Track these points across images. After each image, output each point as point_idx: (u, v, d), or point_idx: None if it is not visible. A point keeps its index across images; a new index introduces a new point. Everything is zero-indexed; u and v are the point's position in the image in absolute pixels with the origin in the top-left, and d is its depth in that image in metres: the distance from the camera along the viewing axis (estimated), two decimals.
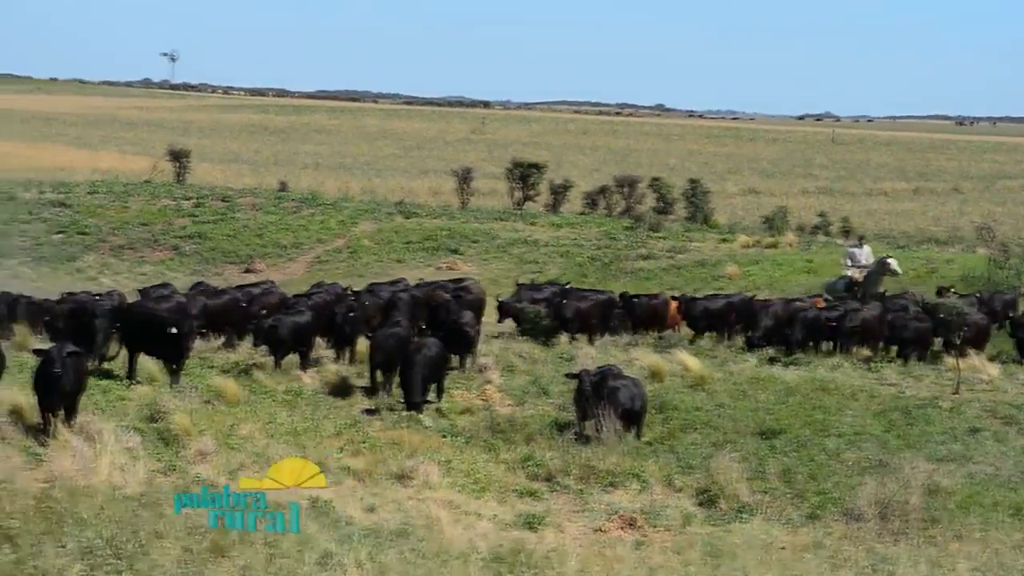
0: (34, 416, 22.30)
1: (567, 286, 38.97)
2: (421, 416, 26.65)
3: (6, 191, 65.58)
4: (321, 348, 31.71)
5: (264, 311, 31.69)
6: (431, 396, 27.67)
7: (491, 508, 21.28)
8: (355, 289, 35.59)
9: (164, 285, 36.38)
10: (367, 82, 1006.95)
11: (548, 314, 35.08)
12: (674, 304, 37.23)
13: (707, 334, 36.30)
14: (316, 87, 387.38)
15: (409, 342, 28.33)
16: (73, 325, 28.83)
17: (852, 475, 23.92)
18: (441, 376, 28.29)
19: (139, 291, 34.47)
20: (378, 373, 28.29)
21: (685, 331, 36.83)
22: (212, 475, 20.57)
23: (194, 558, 16.03)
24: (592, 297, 36.75)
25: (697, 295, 38.92)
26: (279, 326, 29.64)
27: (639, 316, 36.85)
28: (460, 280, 39.03)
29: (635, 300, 37.19)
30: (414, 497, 21.14)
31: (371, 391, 28.12)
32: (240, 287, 35.69)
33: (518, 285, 39.17)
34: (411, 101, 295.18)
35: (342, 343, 31.36)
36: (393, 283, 37.59)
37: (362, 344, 30.49)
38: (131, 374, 27.13)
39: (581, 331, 35.65)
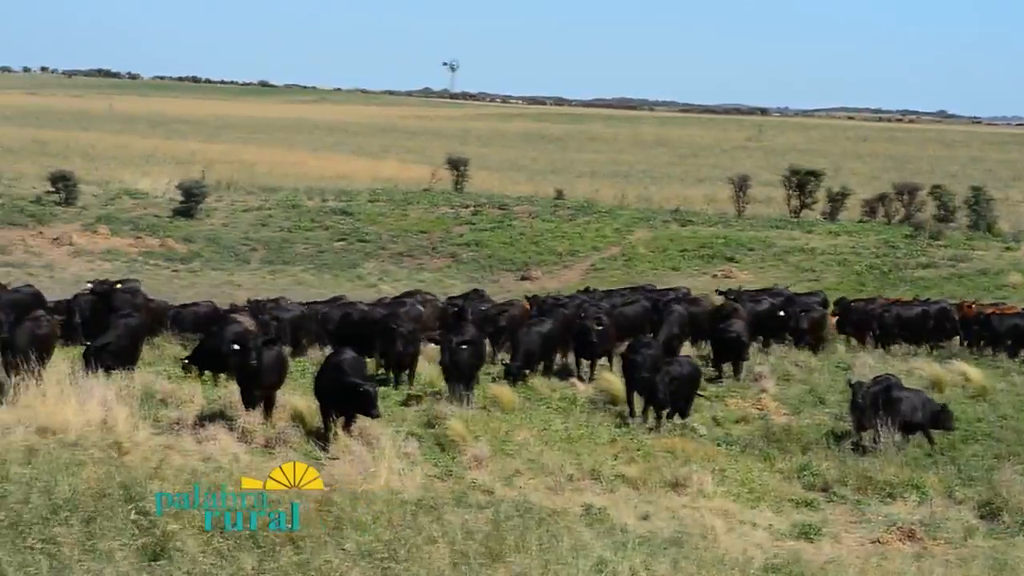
0: (315, 421, 22.81)
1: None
2: (696, 424, 26.48)
3: (291, 199, 67.30)
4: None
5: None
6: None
7: (766, 518, 21.02)
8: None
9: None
10: (643, 90, 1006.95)
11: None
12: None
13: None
14: (593, 95, 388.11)
15: (660, 358, 27.83)
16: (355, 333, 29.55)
17: None
18: (692, 394, 27.54)
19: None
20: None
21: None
22: (488, 481, 20.73)
23: (469, 562, 16.12)
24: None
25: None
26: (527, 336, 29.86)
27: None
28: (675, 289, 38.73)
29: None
30: (688, 505, 21.00)
31: (630, 412, 27.43)
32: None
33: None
34: (687, 109, 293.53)
35: (587, 355, 31.14)
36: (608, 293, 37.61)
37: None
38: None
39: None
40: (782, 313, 35.21)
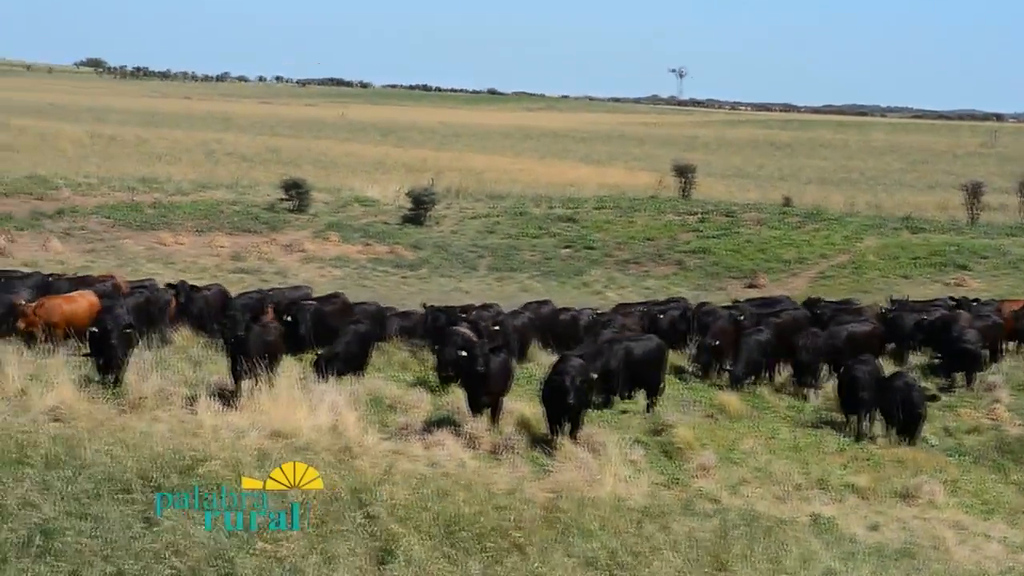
0: (541, 427, 22.89)
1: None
2: (927, 435, 25.96)
3: (518, 206, 67.69)
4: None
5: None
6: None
7: (1000, 530, 20.55)
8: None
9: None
10: (874, 96, 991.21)
11: None
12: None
13: None
14: (823, 102, 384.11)
15: (879, 376, 27.14)
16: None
17: None
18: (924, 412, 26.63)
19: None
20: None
21: None
22: (714, 489, 20.61)
23: (694, 571, 16.06)
24: None
25: None
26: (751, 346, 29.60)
27: None
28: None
29: None
30: (919, 516, 20.64)
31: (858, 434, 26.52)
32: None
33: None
34: (920, 115, 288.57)
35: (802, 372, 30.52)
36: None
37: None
38: None
39: None
40: None
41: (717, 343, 30.30)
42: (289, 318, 29.88)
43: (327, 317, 31.05)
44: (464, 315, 32.28)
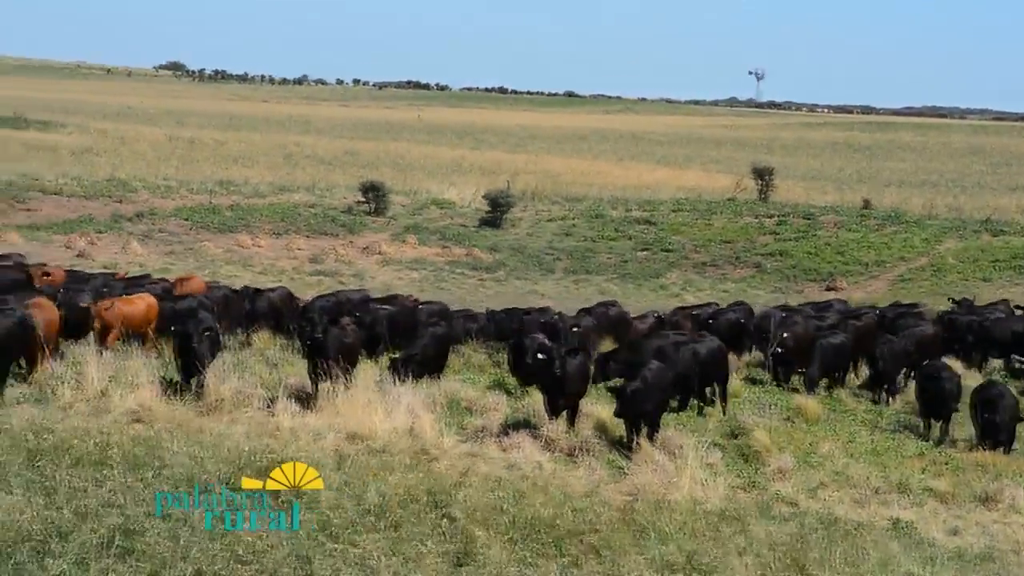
0: (618, 430, 22.86)
1: None
2: None
3: (595, 209, 67.68)
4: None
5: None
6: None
7: None
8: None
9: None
10: (955, 98, 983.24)
11: None
12: None
13: None
14: (902, 104, 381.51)
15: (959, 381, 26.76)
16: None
17: None
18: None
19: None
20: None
21: None
22: (792, 492, 20.50)
23: (772, 575, 15.98)
24: None
25: None
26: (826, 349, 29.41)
27: None
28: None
29: None
30: (999, 521, 20.41)
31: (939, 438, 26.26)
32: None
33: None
34: (1001, 116, 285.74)
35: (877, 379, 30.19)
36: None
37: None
38: None
39: None
40: None
41: (782, 348, 30.08)
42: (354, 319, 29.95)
43: (395, 319, 31.22)
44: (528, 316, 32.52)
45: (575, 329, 30.51)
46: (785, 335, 30.37)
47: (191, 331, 24.26)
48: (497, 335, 32.03)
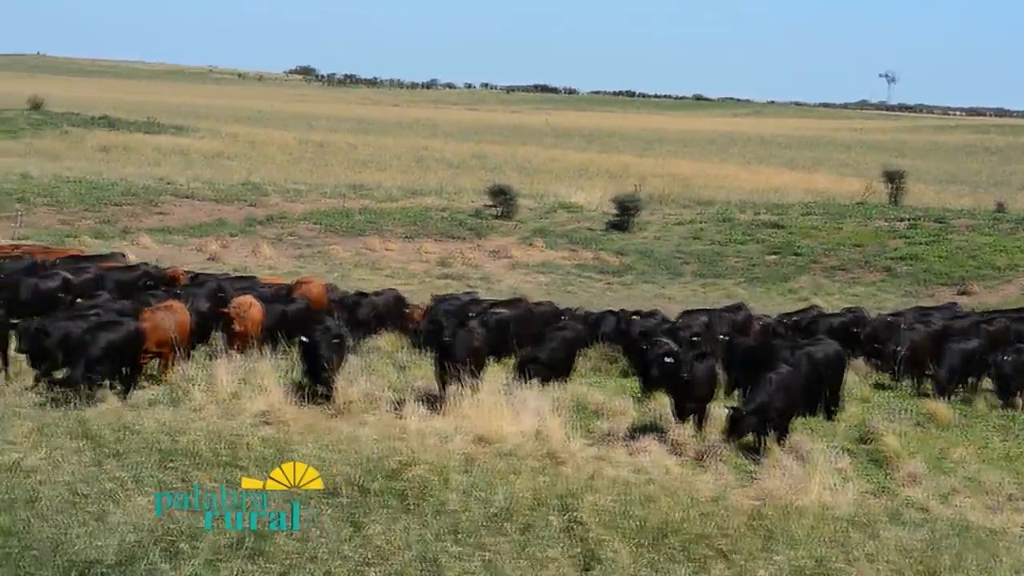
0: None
1: None
2: None
3: (724, 212, 67.34)
4: None
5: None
6: None
7: None
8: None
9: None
10: None
11: None
12: None
13: None
14: None
15: None
16: None
17: None
18: None
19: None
20: None
21: None
22: (923, 498, 20.27)
23: None
24: None
25: None
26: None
27: None
28: None
29: None
30: None
31: None
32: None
33: None
34: None
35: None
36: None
37: None
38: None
39: None
40: None
41: (903, 351, 29.69)
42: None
43: (520, 321, 31.26)
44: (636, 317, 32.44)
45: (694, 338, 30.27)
46: (910, 339, 30.07)
47: (317, 339, 24.46)
48: (617, 339, 31.86)
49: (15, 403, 21.94)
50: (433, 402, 23.53)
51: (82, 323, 23.74)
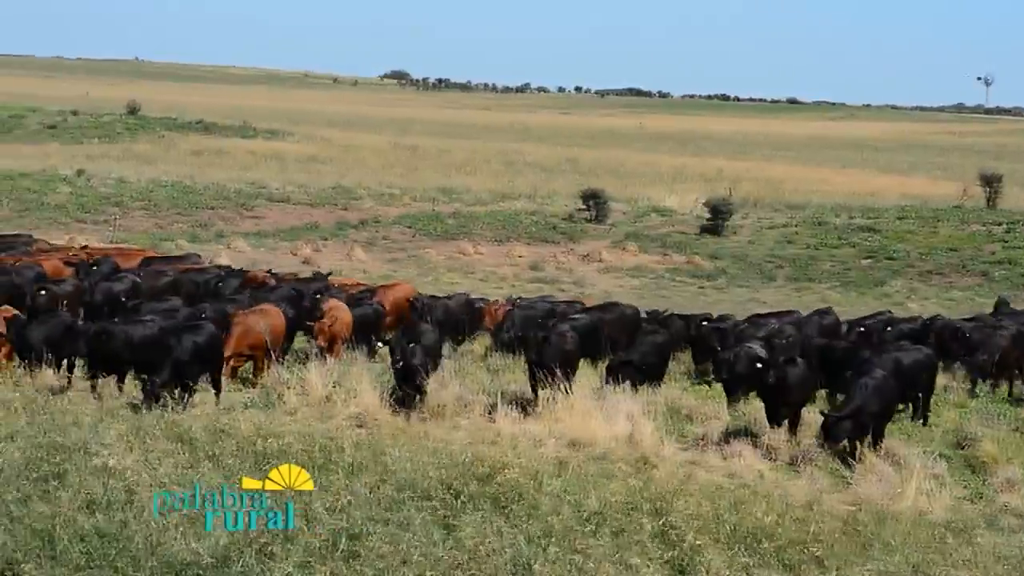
0: None
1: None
2: None
3: (817, 216, 66.98)
4: None
5: None
6: None
7: None
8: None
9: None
10: None
11: None
12: None
13: None
14: None
15: None
16: None
17: None
18: None
19: None
20: None
21: None
22: (1020, 504, 20.03)
23: None
24: None
25: None
26: None
27: None
28: None
29: None
30: None
31: None
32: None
33: None
34: None
35: None
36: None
37: None
38: None
39: None
40: None
41: (984, 356, 29.33)
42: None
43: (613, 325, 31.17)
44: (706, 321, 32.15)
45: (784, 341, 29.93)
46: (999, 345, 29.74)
47: (407, 343, 24.52)
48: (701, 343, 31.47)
49: (111, 406, 22.18)
50: (526, 406, 23.56)
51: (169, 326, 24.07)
